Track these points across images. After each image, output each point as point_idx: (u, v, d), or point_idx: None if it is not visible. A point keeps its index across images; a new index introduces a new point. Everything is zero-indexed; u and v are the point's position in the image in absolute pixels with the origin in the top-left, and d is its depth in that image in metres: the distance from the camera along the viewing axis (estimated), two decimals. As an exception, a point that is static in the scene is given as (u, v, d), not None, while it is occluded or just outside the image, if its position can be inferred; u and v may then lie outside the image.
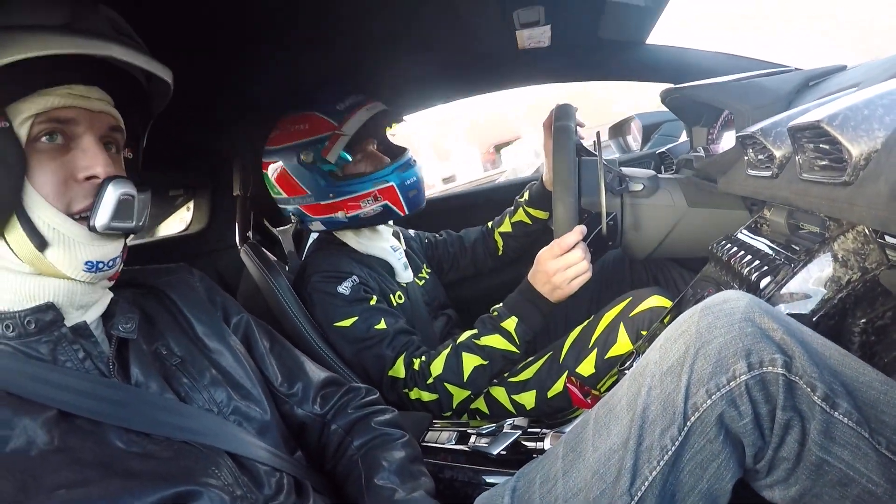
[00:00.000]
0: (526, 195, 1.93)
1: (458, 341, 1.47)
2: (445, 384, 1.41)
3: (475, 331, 1.47)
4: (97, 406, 0.76)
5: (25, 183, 0.75)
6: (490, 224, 2.06)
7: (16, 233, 0.75)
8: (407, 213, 1.67)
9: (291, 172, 1.64)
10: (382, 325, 1.50)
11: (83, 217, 0.80)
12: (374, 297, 1.58)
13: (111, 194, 0.80)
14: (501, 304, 1.49)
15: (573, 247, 1.38)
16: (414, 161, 1.73)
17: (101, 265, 0.81)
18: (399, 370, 1.46)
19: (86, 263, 0.79)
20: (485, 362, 1.42)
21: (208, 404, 0.90)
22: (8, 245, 0.76)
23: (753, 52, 1.80)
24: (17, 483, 0.65)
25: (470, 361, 1.42)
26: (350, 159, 1.67)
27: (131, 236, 0.90)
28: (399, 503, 0.93)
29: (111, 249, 0.83)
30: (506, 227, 1.98)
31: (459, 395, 1.43)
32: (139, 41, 0.84)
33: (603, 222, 1.44)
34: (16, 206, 0.75)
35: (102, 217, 0.79)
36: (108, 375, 0.82)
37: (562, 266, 1.38)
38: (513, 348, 1.43)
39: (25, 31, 0.72)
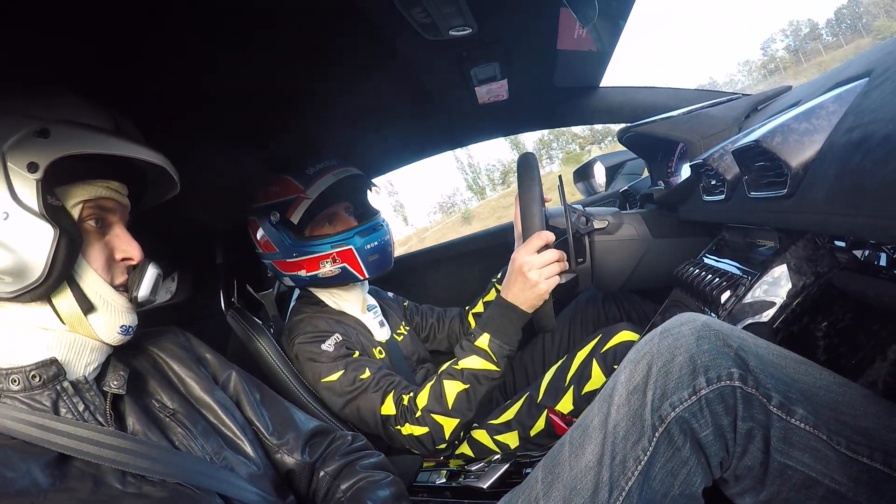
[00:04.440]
0: (499, 275, 1.96)
1: (440, 370, 1.47)
2: (432, 415, 1.41)
3: (455, 357, 1.47)
4: (95, 451, 0.80)
5: (79, 256, 0.87)
6: (467, 307, 2.08)
7: (65, 297, 0.87)
8: (367, 276, 1.71)
9: (264, 230, 1.72)
10: (367, 373, 1.51)
11: (122, 290, 0.94)
12: (357, 352, 1.60)
13: (151, 273, 0.97)
14: (476, 325, 1.49)
15: (546, 248, 1.38)
16: (381, 226, 1.77)
17: (130, 329, 0.94)
18: (389, 408, 1.46)
19: (121, 327, 0.92)
20: (466, 386, 1.41)
21: (202, 452, 0.94)
22: (53, 307, 0.86)
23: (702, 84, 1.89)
24: None
25: (452, 388, 1.42)
26: (311, 221, 1.71)
27: None
28: None
29: (136, 316, 0.96)
30: (479, 308, 2.00)
31: (448, 424, 1.41)
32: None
33: (569, 233, 1.45)
34: (68, 276, 0.86)
35: (144, 290, 0.96)
36: (105, 425, 0.87)
37: (537, 262, 1.36)
38: (491, 366, 1.41)
39: (84, 129, 0.86)
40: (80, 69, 1.02)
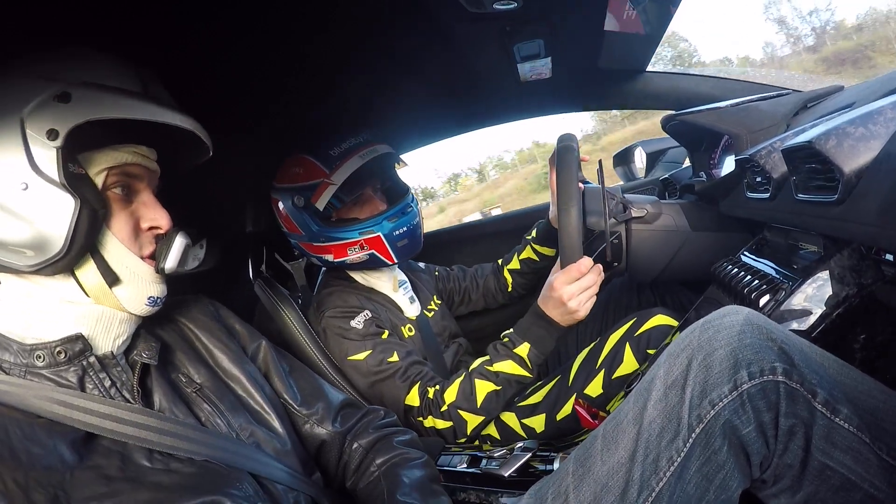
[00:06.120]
0: (533, 232, 1.95)
1: (471, 368, 1.47)
2: (459, 411, 1.43)
3: (487, 357, 1.48)
4: (122, 429, 0.80)
5: (104, 227, 0.85)
6: (500, 261, 2.08)
7: (88, 269, 0.84)
8: (396, 261, 1.67)
9: (288, 212, 1.67)
10: (395, 357, 1.51)
11: (149, 260, 0.92)
12: (386, 331, 1.60)
13: (179, 243, 0.94)
14: (512, 330, 1.48)
15: (586, 272, 1.36)
16: (410, 207, 1.71)
17: (159, 300, 0.92)
18: (413, 399, 1.47)
19: (148, 298, 0.90)
20: (498, 388, 1.43)
21: (228, 428, 0.94)
22: (76, 280, 0.84)
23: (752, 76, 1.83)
24: (49, 496, 0.69)
25: (483, 388, 1.43)
26: (338, 206, 1.67)
27: None
28: None
29: (165, 286, 0.94)
30: (514, 264, 2.01)
31: (473, 420, 1.44)
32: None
33: (607, 240, 1.45)
34: (91, 247, 0.83)
35: (171, 261, 0.92)
36: (132, 402, 0.86)
37: (576, 290, 1.35)
38: (525, 373, 1.43)
39: (109, 92, 0.81)
40: (109, 27, 0.98)
